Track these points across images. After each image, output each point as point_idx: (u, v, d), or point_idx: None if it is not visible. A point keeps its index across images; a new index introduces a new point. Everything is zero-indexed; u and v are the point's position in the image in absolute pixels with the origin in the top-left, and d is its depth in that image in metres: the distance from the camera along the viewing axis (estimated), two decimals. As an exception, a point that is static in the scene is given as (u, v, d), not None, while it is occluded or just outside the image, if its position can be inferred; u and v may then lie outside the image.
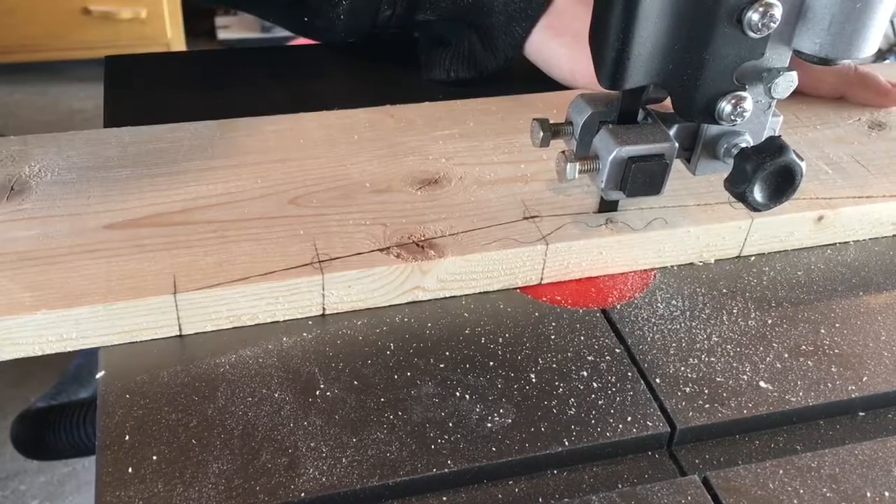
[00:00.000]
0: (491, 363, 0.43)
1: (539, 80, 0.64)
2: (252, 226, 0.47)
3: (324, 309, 0.45)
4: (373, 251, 0.45)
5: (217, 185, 0.50)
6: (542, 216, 0.49)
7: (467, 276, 0.47)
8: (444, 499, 0.38)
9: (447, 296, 0.47)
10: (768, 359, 0.45)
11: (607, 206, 0.50)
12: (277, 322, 0.45)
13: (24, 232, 0.45)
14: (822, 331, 0.47)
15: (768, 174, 0.44)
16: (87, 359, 1.15)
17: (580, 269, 0.49)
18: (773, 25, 0.40)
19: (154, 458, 0.38)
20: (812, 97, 0.64)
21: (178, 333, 0.44)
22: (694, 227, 0.50)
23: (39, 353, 0.42)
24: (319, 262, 0.44)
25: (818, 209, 0.52)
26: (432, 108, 0.59)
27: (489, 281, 0.48)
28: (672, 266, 0.51)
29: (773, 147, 0.44)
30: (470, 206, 0.50)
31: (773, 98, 0.45)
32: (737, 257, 0.52)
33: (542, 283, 0.49)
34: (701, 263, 0.51)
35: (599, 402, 0.42)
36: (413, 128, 0.57)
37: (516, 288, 0.48)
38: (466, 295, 0.47)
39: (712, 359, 0.44)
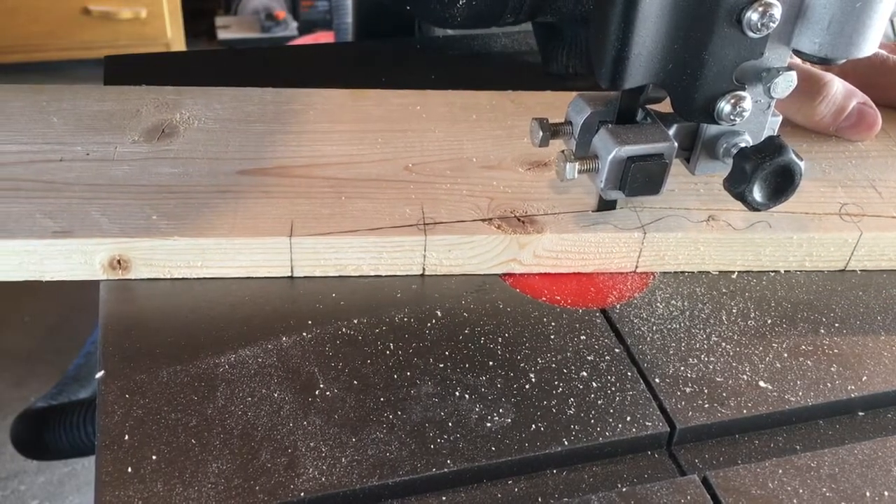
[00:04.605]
0: (490, 363, 0.43)
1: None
2: (368, 186, 0.50)
3: (423, 269, 0.48)
4: (475, 220, 0.48)
5: (341, 146, 0.54)
6: (644, 206, 0.50)
7: (562, 255, 0.48)
8: (444, 498, 0.38)
9: (541, 272, 0.49)
10: (768, 358, 0.45)
11: (605, 206, 0.50)
12: (381, 276, 0.48)
13: (168, 169, 0.50)
14: (822, 330, 0.47)
15: (767, 174, 0.44)
16: (87, 359, 1.15)
17: (676, 263, 0.50)
18: (773, 25, 0.40)
19: (153, 457, 0.38)
20: None
21: (289, 275, 0.48)
22: (797, 234, 0.49)
23: (169, 277, 0.47)
24: (424, 224, 0.48)
25: None
26: (552, 97, 0.61)
27: (584, 263, 0.49)
28: (770, 272, 0.50)
29: (773, 146, 0.44)
30: (577, 190, 0.51)
31: (772, 98, 0.45)
32: (842, 270, 0.51)
33: (637, 270, 0.50)
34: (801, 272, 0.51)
35: (599, 402, 0.42)
36: (531, 113, 0.58)
37: (515, 287, 0.48)
38: (468, 293, 0.48)
39: (712, 358, 0.44)
